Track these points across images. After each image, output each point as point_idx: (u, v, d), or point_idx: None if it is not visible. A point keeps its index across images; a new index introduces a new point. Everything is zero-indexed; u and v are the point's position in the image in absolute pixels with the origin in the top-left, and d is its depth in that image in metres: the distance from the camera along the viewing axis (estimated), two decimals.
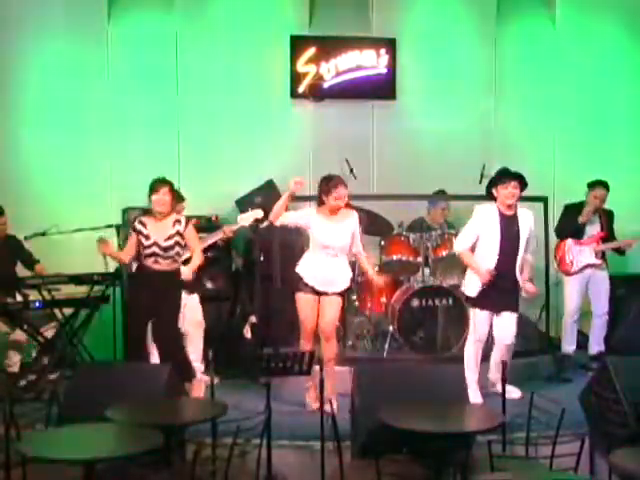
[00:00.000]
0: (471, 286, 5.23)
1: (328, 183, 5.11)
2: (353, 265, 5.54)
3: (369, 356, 6.09)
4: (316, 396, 4.83)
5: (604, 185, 6.20)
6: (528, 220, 5.20)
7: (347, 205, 5.26)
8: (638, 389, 4.00)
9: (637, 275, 6.95)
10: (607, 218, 6.32)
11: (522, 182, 5.15)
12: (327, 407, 4.10)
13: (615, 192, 6.26)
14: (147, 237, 5.10)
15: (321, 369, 4.24)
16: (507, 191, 5.11)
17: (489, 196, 5.27)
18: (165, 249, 5.10)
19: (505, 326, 5.19)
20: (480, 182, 6.12)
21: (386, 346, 6.03)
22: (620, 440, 3.88)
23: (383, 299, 6.47)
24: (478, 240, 5.21)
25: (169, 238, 5.11)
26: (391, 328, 6.10)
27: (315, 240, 5.15)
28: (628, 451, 3.64)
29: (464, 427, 3.69)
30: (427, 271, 6.29)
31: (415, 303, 6.04)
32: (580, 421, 4.33)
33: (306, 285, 5.11)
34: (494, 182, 5.21)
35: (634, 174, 7.29)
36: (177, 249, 5.16)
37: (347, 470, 3.68)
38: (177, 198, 5.43)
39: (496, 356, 5.24)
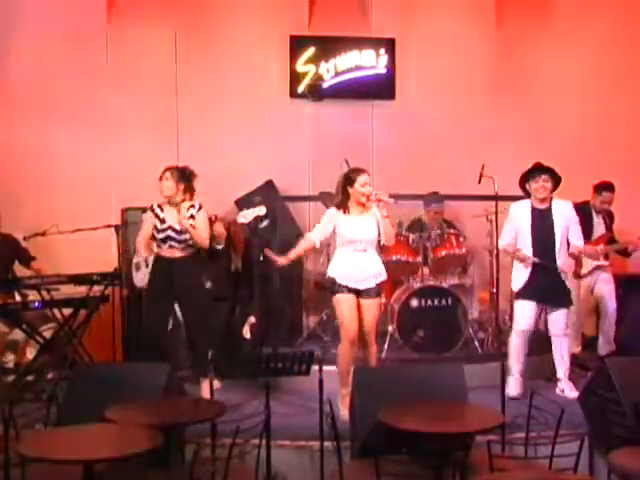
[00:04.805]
0: (516, 280, 5.34)
1: (350, 174, 5.04)
2: None
3: None
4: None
5: (611, 189, 6.24)
6: (563, 210, 5.26)
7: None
8: (638, 389, 4.00)
9: (637, 275, 6.96)
10: (610, 219, 6.32)
11: (553, 175, 5.21)
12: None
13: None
14: (163, 220, 5.24)
15: (320, 370, 4.24)
16: (538, 185, 5.22)
17: (524, 193, 5.37)
18: (179, 232, 5.21)
19: (553, 319, 5.30)
20: (479, 182, 6.11)
21: (385, 346, 6.02)
22: (620, 440, 3.88)
23: (382, 299, 6.46)
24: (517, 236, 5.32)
25: None
26: (390, 328, 6.10)
27: (342, 237, 4.99)
28: (628, 451, 3.66)
29: (464, 427, 3.69)
30: (426, 271, 6.29)
31: (414, 303, 6.04)
32: (580, 421, 4.33)
33: (341, 286, 4.96)
34: (526, 178, 5.29)
35: (634, 173, 7.28)
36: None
37: (347, 470, 3.68)
38: (188, 188, 5.36)
39: (554, 351, 5.37)
